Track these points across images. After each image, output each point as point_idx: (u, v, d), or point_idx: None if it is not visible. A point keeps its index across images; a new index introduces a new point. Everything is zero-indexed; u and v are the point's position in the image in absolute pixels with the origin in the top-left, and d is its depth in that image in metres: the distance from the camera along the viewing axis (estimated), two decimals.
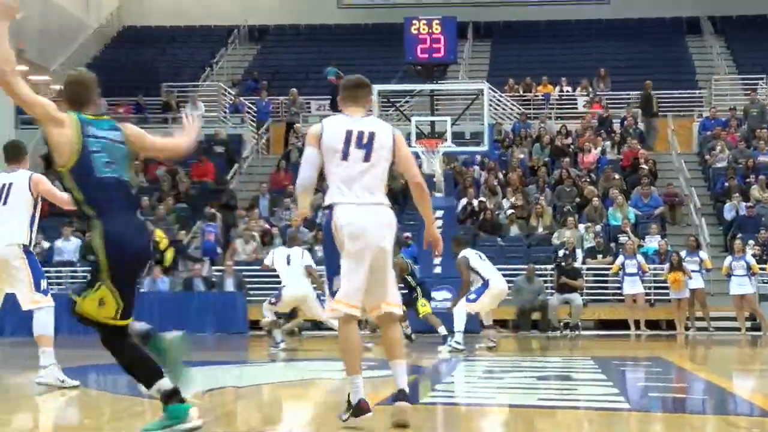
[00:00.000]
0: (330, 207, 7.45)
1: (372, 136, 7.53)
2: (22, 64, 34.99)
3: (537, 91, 33.71)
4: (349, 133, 7.47)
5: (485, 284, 17.06)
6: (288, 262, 17.34)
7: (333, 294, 7.43)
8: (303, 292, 17.34)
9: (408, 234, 24.52)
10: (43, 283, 10.45)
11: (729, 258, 23.19)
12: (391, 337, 7.55)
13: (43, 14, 37.37)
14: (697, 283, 22.95)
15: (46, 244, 25.93)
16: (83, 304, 6.75)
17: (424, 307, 19.40)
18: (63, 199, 10.13)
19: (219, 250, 26.16)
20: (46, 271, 15.57)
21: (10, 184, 10.59)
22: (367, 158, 7.48)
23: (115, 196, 6.81)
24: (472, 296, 17.15)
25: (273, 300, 17.52)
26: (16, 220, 10.47)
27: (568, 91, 33.74)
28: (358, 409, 7.29)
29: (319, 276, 16.95)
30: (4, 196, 10.52)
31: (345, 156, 7.46)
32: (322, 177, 7.60)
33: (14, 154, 11.06)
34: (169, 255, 24.65)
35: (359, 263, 7.33)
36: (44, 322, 10.36)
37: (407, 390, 7.42)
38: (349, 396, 7.40)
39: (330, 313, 7.54)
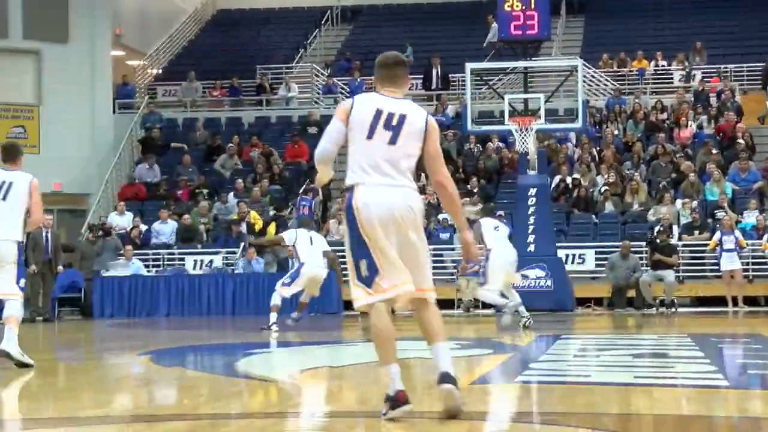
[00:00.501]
0: (351, 188, 7.04)
1: (403, 118, 7.02)
2: (119, 49, 35.54)
3: (632, 66, 33.33)
4: (378, 113, 7.00)
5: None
6: (311, 243, 18.03)
7: (362, 280, 6.91)
8: (321, 274, 18.12)
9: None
10: (22, 282, 11.11)
11: None
12: (431, 320, 7.03)
13: (140, 0, 37.89)
14: None
15: (143, 227, 26.37)
16: None
17: None
18: (39, 215, 11.11)
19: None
20: (144, 253, 16.56)
21: (11, 183, 10.92)
22: (393, 141, 7.00)
23: None
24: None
25: (287, 281, 17.78)
26: (14, 218, 10.88)
27: (663, 66, 33.29)
28: (396, 400, 6.82)
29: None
30: (3, 192, 10.89)
31: (371, 135, 7.01)
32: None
33: (13, 153, 11.22)
34: (269, 233, 24.98)
35: (385, 245, 6.85)
36: (18, 309, 10.95)
37: (452, 372, 6.94)
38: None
39: (369, 299, 6.90)
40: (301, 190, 27.52)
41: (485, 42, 34.34)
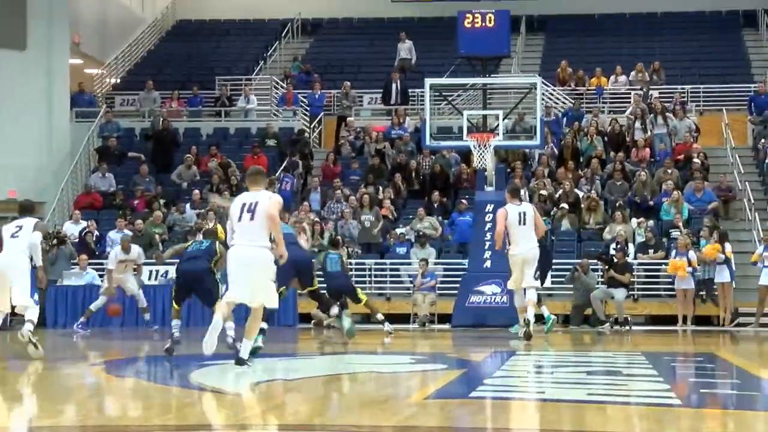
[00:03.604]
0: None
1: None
2: (77, 57, 35.34)
3: (590, 84, 33.51)
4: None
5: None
6: None
7: None
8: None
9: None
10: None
11: (761, 247, 22.99)
12: None
13: (99, 7, 37.70)
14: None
15: (96, 233, 26.29)
16: None
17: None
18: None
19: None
20: (99, 263, 18.39)
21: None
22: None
23: None
24: None
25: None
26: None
27: (621, 81, 33.41)
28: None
29: None
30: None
31: None
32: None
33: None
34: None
35: None
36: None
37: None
38: None
39: None
40: (281, 167, 28.51)
41: (396, 59, 34.72)
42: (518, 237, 17.46)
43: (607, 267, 23.17)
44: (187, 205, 27.59)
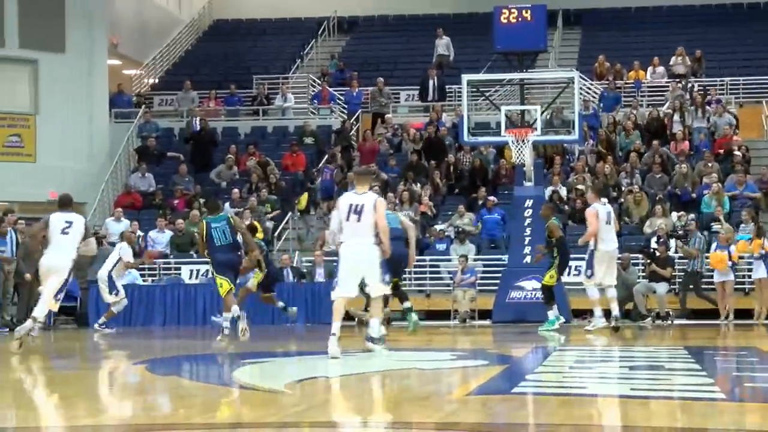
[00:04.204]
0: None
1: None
2: (116, 58, 35.54)
3: (628, 77, 33.35)
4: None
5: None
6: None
7: None
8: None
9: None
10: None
11: None
12: None
13: (137, 9, 37.90)
14: None
15: (140, 233, 26.35)
16: None
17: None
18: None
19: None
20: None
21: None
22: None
23: None
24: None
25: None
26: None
27: (659, 73, 33.24)
28: None
29: None
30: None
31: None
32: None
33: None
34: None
35: None
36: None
37: None
38: None
39: None
40: (324, 159, 29.56)
41: (434, 56, 34.65)
42: (605, 235, 18.20)
43: (649, 261, 23.05)
44: (227, 204, 27.67)
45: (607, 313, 18.59)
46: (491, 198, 26.40)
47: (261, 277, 18.91)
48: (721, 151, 28.33)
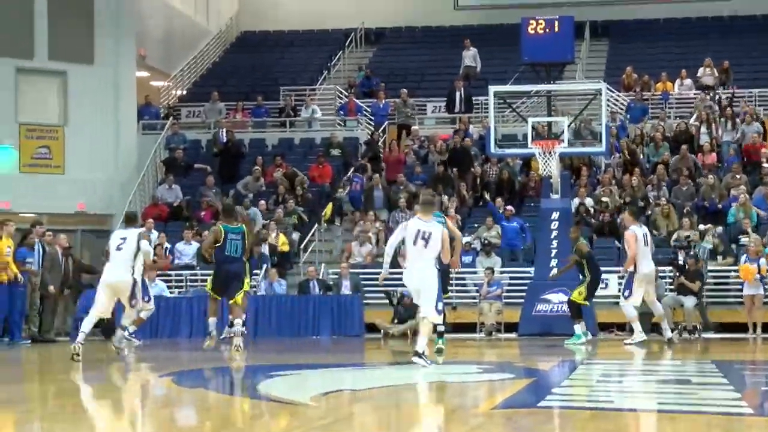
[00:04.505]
0: None
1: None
2: (144, 70, 35.69)
3: (655, 89, 33.26)
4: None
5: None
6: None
7: None
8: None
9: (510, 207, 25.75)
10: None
11: None
12: None
13: (165, 21, 38.06)
14: None
15: (167, 245, 26.38)
16: None
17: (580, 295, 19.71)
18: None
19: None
20: (167, 274, 20.56)
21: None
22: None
23: None
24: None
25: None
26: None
27: (686, 85, 33.16)
28: None
29: None
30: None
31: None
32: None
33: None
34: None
35: None
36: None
37: None
38: None
39: None
40: (352, 169, 29.86)
41: (461, 67, 34.64)
42: (642, 257, 18.51)
43: (677, 274, 22.92)
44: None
45: (654, 327, 19.22)
46: (509, 207, 26.31)
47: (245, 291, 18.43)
48: (749, 159, 28.14)
